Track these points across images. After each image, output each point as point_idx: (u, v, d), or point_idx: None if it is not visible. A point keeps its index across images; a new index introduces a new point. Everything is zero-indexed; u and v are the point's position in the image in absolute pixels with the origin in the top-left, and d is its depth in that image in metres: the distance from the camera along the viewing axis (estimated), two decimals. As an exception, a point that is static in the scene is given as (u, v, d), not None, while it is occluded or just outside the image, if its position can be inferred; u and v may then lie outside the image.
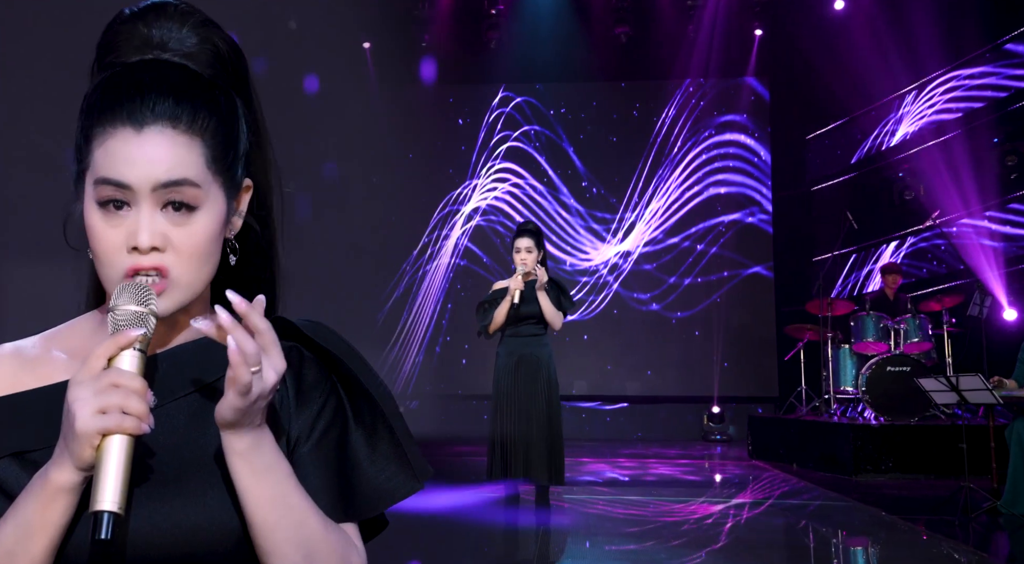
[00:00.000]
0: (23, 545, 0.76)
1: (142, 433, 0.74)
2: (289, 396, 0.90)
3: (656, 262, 10.31)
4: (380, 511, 0.91)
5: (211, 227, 0.86)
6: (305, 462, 0.88)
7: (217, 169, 0.86)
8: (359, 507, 0.89)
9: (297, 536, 0.82)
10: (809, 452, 7.33)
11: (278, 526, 0.81)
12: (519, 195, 10.49)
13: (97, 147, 0.83)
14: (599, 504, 5.53)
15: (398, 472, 0.90)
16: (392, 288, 10.50)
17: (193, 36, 0.87)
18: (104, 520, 0.72)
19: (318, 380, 0.91)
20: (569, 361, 10.26)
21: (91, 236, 0.84)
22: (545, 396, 4.81)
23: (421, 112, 10.48)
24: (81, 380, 0.75)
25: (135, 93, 0.83)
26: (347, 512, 0.89)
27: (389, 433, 0.91)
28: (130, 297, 0.80)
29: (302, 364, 0.92)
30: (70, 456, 0.74)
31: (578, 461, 7.98)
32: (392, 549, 4.39)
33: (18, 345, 0.89)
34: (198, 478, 0.83)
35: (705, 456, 8.46)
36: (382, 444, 0.91)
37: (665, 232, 10.36)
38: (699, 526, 4.83)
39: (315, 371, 0.92)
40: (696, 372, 10.15)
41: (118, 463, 0.73)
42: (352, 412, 0.91)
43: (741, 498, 5.87)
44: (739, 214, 10.32)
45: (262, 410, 0.80)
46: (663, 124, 10.45)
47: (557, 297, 4.92)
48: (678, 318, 10.25)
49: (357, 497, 0.89)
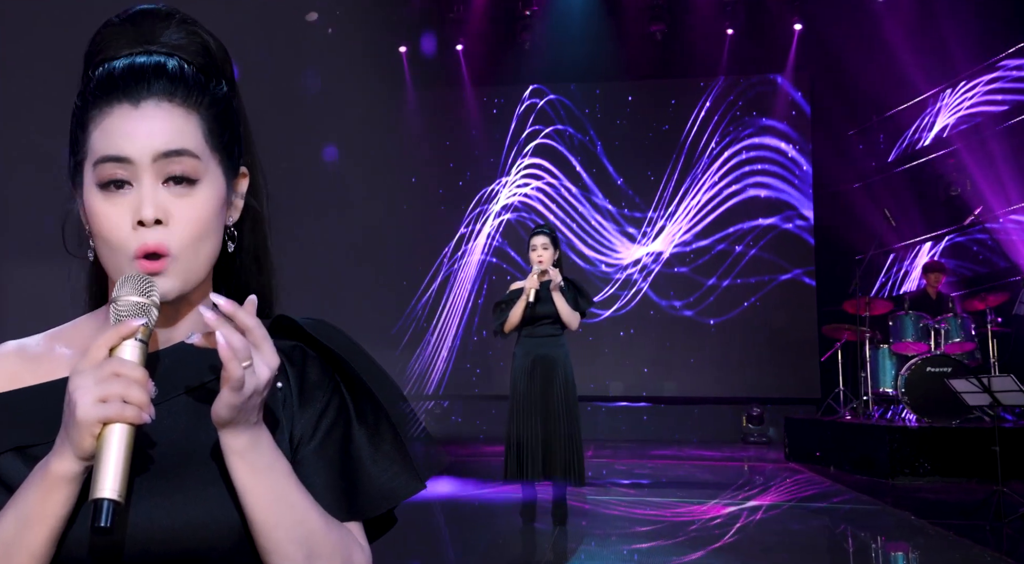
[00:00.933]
0: (22, 536, 0.76)
1: (143, 422, 0.75)
2: (292, 395, 0.90)
3: (692, 263, 10.18)
4: (383, 511, 0.91)
5: (212, 201, 0.86)
6: (308, 461, 0.88)
7: (215, 145, 0.87)
8: (362, 506, 0.89)
9: (298, 534, 0.82)
10: (846, 454, 7.17)
11: (278, 524, 0.81)
12: (552, 194, 10.47)
13: (94, 129, 0.84)
14: (619, 505, 5.50)
15: (401, 472, 0.90)
16: (427, 286, 10.58)
17: (180, 32, 0.89)
18: (104, 507, 0.72)
19: (321, 379, 0.91)
20: (604, 362, 10.22)
21: (94, 220, 0.84)
22: (562, 396, 4.78)
23: (455, 113, 10.55)
24: (82, 369, 0.75)
25: (130, 75, 0.84)
26: (351, 511, 0.89)
27: (392, 432, 0.91)
28: (132, 288, 0.80)
29: (305, 363, 0.92)
30: (71, 445, 0.75)
31: (609, 462, 7.94)
32: (405, 547, 4.43)
33: (22, 343, 0.90)
34: (199, 474, 0.83)
35: (741, 458, 8.34)
36: (385, 444, 0.91)
37: (699, 233, 10.22)
38: (710, 527, 4.76)
39: (318, 370, 0.92)
40: (735, 373, 10.01)
41: (119, 452, 0.73)
42: (355, 411, 0.91)
43: (765, 500, 5.77)
44: (776, 218, 10.13)
45: (258, 408, 0.81)
46: (698, 123, 10.33)
47: (574, 297, 4.90)
48: (716, 319, 10.12)
49: (360, 496, 0.89)
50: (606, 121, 10.47)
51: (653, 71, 10.32)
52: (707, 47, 10.15)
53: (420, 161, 10.55)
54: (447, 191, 10.60)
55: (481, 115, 10.59)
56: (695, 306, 10.15)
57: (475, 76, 10.43)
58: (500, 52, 10.19)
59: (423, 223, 10.53)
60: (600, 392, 10.20)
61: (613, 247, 10.34)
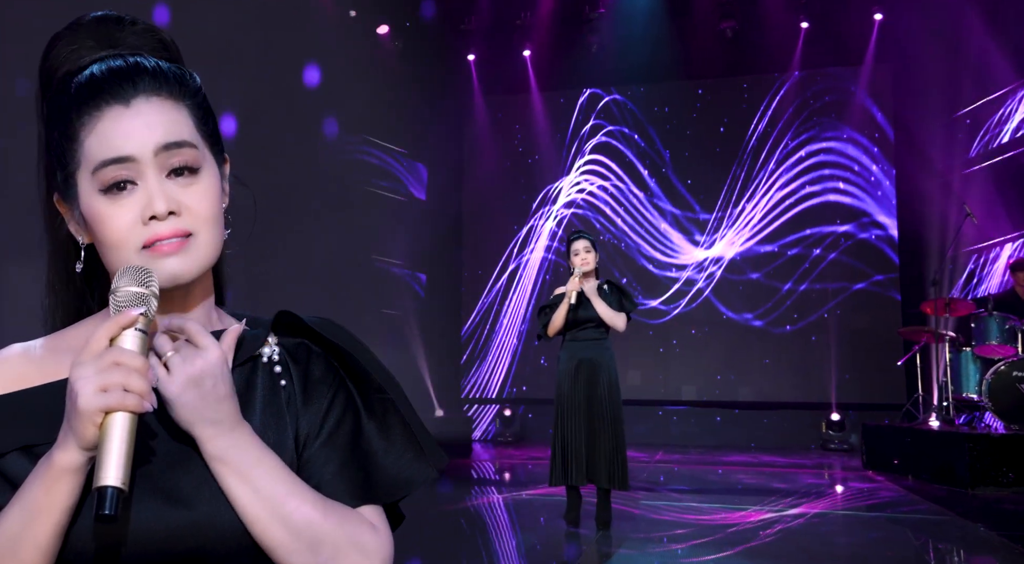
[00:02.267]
0: (28, 529, 0.76)
1: (144, 411, 0.75)
2: (296, 392, 0.90)
3: (765, 267, 9.90)
4: (401, 496, 0.91)
5: (215, 188, 0.87)
6: (319, 457, 0.88)
7: (204, 133, 0.88)
8: (377, 494, 0.89)
9: (294, 527, 0.81)
10: (924, 463, 6.83)
11: (272, 518, 0.81)
12: (619, 198, 10.38)
13: (87, 137, 0.84)
14: (671, 510, 5.41)
15: (413, 461, 0.91)
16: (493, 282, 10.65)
17: (141, 35, 0.90)
18: (108, 495, 0.72)
19: (325, 375, 0.91)
20: (675, 366, 10.06)
21: (100, 225, 0.84)
22: (607, 400, 4.75)
23: (522, 117, 10.61)
24: (83, 360, 0.76)
25: (112, 77, 0.84)
26: (365, 498, 0.89)
27: (402, 424, 0.91)
28: (131, 279, 0.80)
29: (309, 360, 0.92)
30: (74, 436, 0.74)
31: (676, 467, 7.81)
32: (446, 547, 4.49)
33: (27, 345, 0.91)
34: (204, 470, 0.82)
35: (815, 465, 8.06)
36: (395, 435, 0.91)
37: (771, 235, 9.94)
38: (755, 532, 4.62)
39: (322, 366, 0.92)
40: (813, 378, 9.68)
41: (121, 440, 0.73)
42: (363, 405, 0.91)
43: (821, 507, 5.56)
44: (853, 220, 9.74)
45: (219, 404, 0.81)
46: (765, 120, 10.06)
47: (618, 299, 4.86)
48: (792, 325, 9.80)
49: (374, 486, 0.89)
50: (673, 121, 10.32)
51: (723, 69, 10.13)
52: (780, 42, 9.88)
53: (487, 165, 10.65)
54: (513, 194, 10.66)
55: (547, 118, 10.60)
56: (774, 310, 9.86)
57: (542, 80, 10.47)
58: (567, 55, 10.19)
59: (491, 224, 10.62)
60: (671, 396, 10.05)
61: (682, 249, 10.17)
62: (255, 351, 0.91)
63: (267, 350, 0.92)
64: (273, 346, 0.92)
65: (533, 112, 10.62)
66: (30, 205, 4.32)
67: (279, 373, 0.91)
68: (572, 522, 4.76)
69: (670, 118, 10.33)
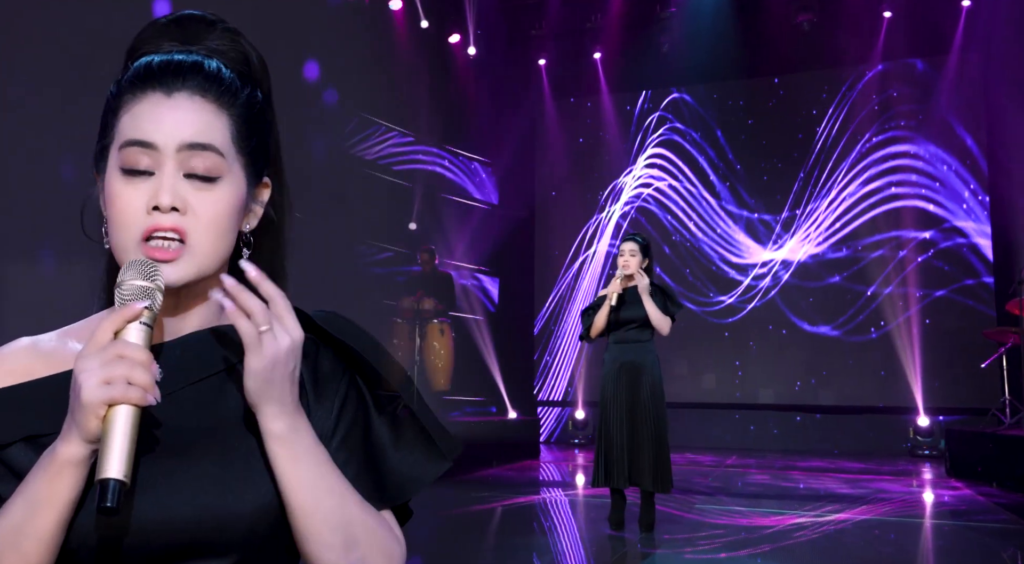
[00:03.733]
0: (30, 521, 0.77)
1: (147, 404, 0.75)
2: (307, 388, 0.90)
3: (846, 270, 9.57)
4: (411, 496, 0.91)
5: (231, 200, 0.86)
6: (334, 455, 0.88)
7: (241, 148, 0.88)
8: (391, 493, 0.90)
9: (335, 519, 0.83)
10: (1009, 470, 6.49)
11: (316, 510, 0.82)
12: (688, 198, 10.24)
13: (124, 114, 0.85)
14: (723, 515, 5.34)
15: (425, 455, 0.91)
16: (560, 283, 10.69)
17: (226, 40, 0.91)
18: (110, 487, 0.72)
19: (334, 371, 0.91)
20: (755, 369, 9.85)
21: (110, 202, 0.84)
22: (650, 402, 4.74)
23: (593, 119, 10.62)
24: (87, 353, 0.76)
25: (167, 67, 0.86)
26: (380, 500, 0.89)
27: (411, 417, 0.92)
28: (136, 272, 0.80)
29: (318, 355, 0.92)
30: (77, 428, 0.75)
31: (745, 471, 7.67)
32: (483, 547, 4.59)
33: (36, 339, 0.91)
34: (206, 464, 0.83)
35: (896, 472, 7.75)
36: (406, 430, 0.91)
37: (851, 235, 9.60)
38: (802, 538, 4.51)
39: (331, 362, 0.92)
40: (899, 382, 9.30)
41: (124, 433, 0.74)
42: (373, 401, 0.92)
43: (881, 513, 5.36)
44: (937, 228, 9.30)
45: (290, 386, 0.81)
46: (850, 117, 9.72)
47: (664, 302, 4.85)
48: (878, 325, 9.45)
49: (387, 484, 0.89)
50: (745, 119, 10.12)
51: (799, 64, 9.86)
52: (860, 34, 9.55)
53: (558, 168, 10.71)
54: (583, 196, 10.68)
55: (617, 119, 10.58)
56: (858, 314, 9.52)
57: (611, 81, 10.46)
58: (637, 56, 10.15)
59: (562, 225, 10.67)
60: (748, 400, 9.85)
61: (756, 250, 9.95)
62: None
63: None
64: None
65: (603, 114, 10.63)
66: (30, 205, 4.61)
67: None
68: (616, 524, 4.77)
69: (742, 116, 10.13)
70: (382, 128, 9.06)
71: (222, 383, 0.87)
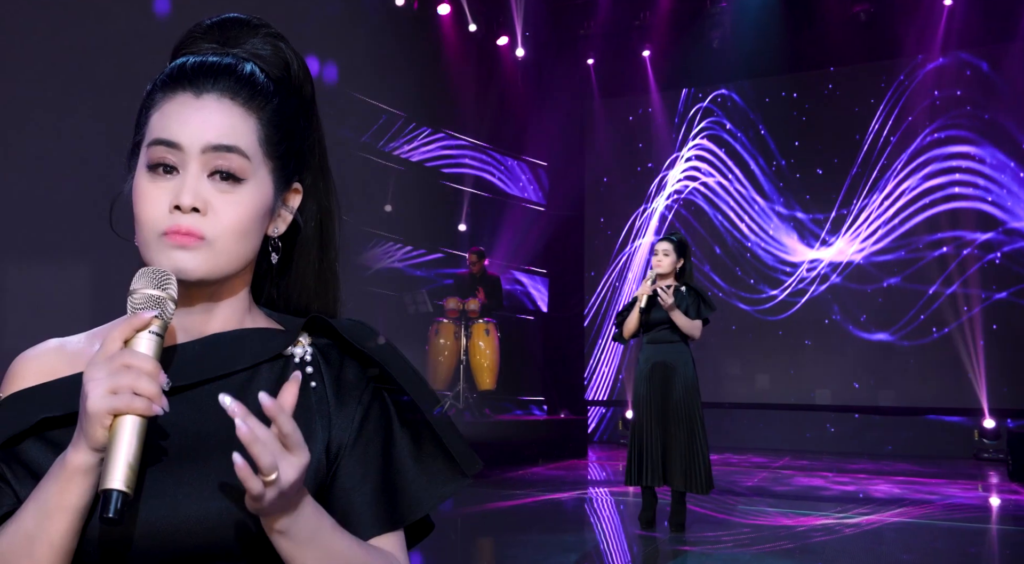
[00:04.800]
0: (43, 527, 0.77)
1: (153, 414, 0.75)
2: (328, 395, 0.90)
3: (906, 270, 9.26)
4: (429, 510, 0.90)
5: (255, 203, 0.86)
6: (352, 467, 0.88)
7: (268, 152, 0.88)
8: (408, 507, 0.89)
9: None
10: (1073, 475, 6.22)
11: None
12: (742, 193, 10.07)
13: (155, 113, 0.86)
14: (760, 516, 5.27)
15: (444, 469, 0.91)
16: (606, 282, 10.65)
17: (267, 45, 0.91)
18: (112, 498, 0.72)
19: (358, 379, 0.91)
20: (809, 369, 9.65)
21: (136, 199, 0.85)
22: (683, 402, 4.73)
23: (642, 117, 10.56)
24: (96, 361, 0.76)
25: (199, 68, 0.86)
26: (394, 518, 0.89)
27: (431, 431, 0.91)
28: (148, 281, 0.80)
29: (342, 362, 0.92)
30: (84, 437, 0.75)
31: (794, 474, 7.53)
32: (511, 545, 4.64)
33: (64, 340, 0.92)
34: (220, 468, 0.82)
35: (954, 475, 7.50)
36: (426, 443, 0.91)
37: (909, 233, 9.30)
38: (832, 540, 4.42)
39: (355, 370, 0.92)
40: (963, 384, 8.97)
41: (128, 443, 0.74)
42: (396, 412, 0.92)
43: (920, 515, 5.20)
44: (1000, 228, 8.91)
45: (291, 496, 0.77)
46: (907, 110, 9.41)
47: (697, 305, 4.82)
48: (939, 326, 9.13)
49: (405, 498, 0.89)
50: (799, 114, 9.91)
51: (854, 57, 9.60)
52: (919, 24, 9.25)
53: (609, 166, 10.69)
54: (634, 194, 10.62)
55: (665, 115, 10.48)
56: (919, 315, 9.21)
57: (661, 78, 10.37)
58: (687, 52, 10.04)
59: (612, 225, 10.64)
60: (803, 400, 9.64)
61: (804, 249, 9.72)
62: (284, 349, 0.91)
63: (299, 350, 0.91)
64: (306, 346, 0.92)
65: (652, 111, 10.55)
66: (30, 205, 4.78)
67: (310, 374, 0.90)
68: (646, 523, 4.77)
69: (792, 111, 9.92)
70: (429, 130, 9.21)
71: (243, 384, 0.87)
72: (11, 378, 0.88)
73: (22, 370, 0.88)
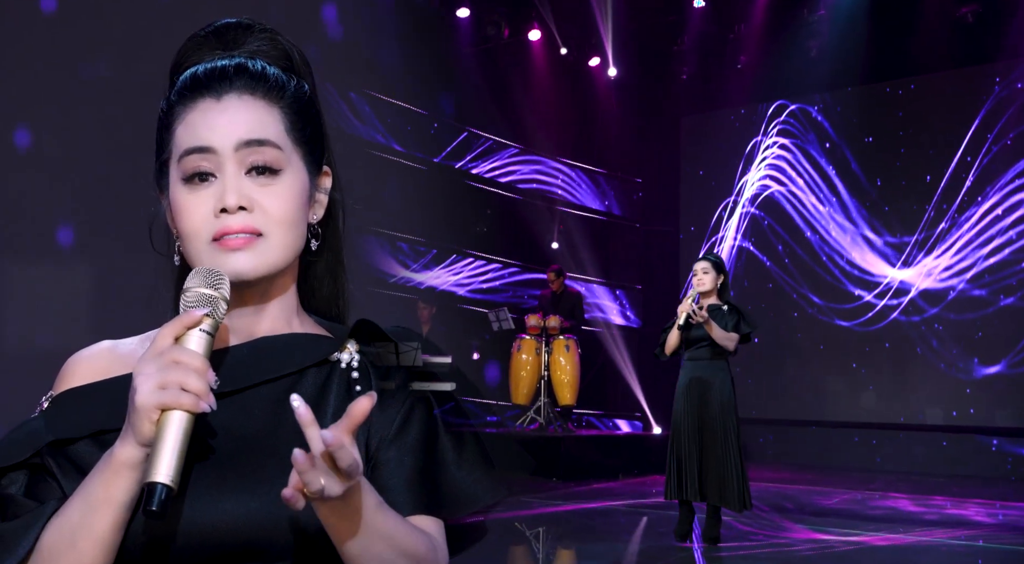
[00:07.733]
0: (87, 520, 0.78)
1: (200, 411, 0.75)
2: None
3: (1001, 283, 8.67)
4: (465, 512, 0.90)
5: (296, 191, 0.87)
6: (391, 460, 0.88)
7: (296, 138, 0.88)
8: (446, 497, 0.89)
9: (383, 556, 0.80)
10: None
11: (364, 554, 0.80)
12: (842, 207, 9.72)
13: (178, 126, 0.87)
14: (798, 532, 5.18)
15: (484, 477, 0.90)
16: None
17: (266, 41, 0.92)
18: (157, 491, 0.72)
19: (401, 386, 0.91)
20: (919, 386, 9.19)
21: (178, 215, 0.85)
22: (719, 419, 4.78)
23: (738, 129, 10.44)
24: (146, 357, 0.77)
25: (213, 73, 0.87)
26: (431, 502, 0.88)
27: (475, 439, 0.91)
28: (201, 280, 0.81)
29: (388, 370, 0.92)
30: (132, 431, 0.76)
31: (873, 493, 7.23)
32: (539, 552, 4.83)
33: (116, 342, 0.93)
34: (268, 468, 0.82)
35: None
36: (468, 449, 0.91)
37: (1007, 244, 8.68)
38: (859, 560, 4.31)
39: (400, 378, 0.91)
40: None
41: (175, 438, 0.74)
42: (440, 419, 0.91)
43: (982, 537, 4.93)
44: None
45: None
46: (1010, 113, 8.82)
47: (736, 322, 4.88)
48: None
49: (443, 497, 0.89)
50: (904, 120, 9.49)
51: (963, 59, 9.12)
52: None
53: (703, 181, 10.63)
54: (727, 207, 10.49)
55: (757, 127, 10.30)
56: None
57: (755, 90, 10.22)
58: (784, 63, 9.87)
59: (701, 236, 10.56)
60: (912, 420, 9.19)
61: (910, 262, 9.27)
62: (331, 354, 0.91)
63: (346, 356, 0.91)
64: (353, 353, 0.92)
65: (746, 123, 10.41)
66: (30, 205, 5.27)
67: (356, 379, 0.90)
68: (681, 536, 4.84)
69: (889, 118, 9.52)
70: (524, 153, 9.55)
71: (289, 386, 0.87)
72: (64, 377, 0.90)
73: (75, 370, 0.90)
